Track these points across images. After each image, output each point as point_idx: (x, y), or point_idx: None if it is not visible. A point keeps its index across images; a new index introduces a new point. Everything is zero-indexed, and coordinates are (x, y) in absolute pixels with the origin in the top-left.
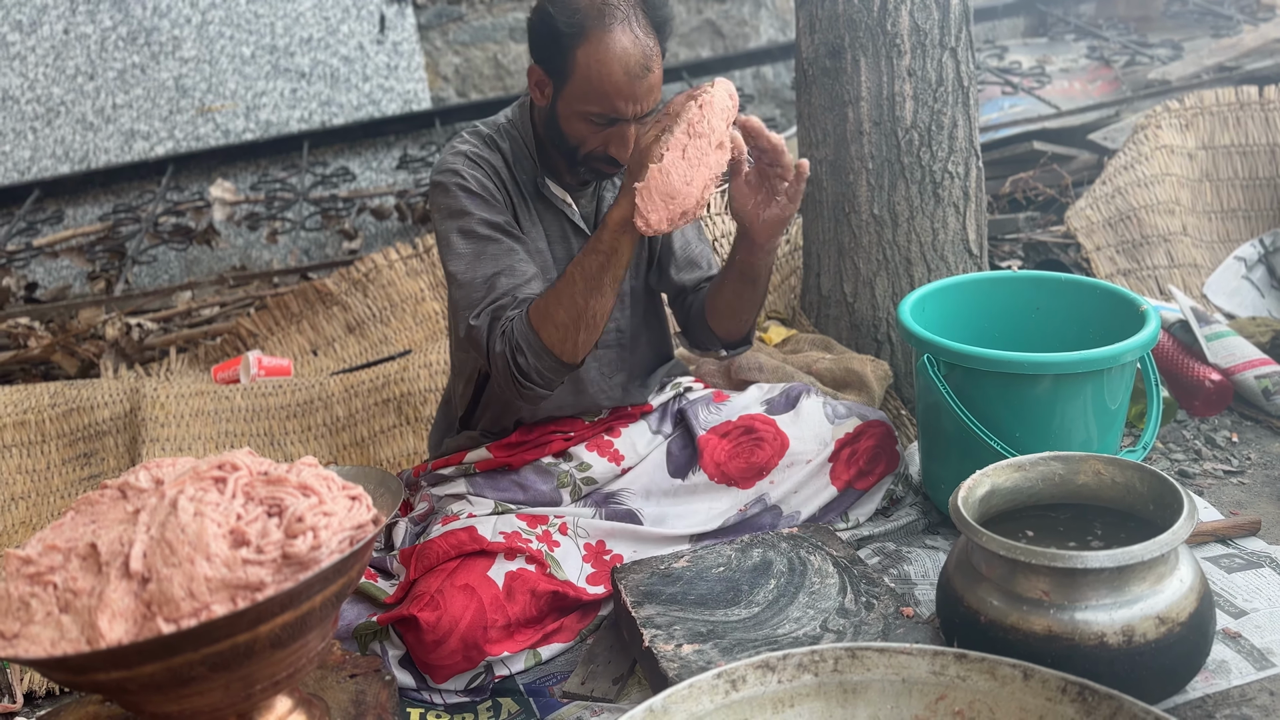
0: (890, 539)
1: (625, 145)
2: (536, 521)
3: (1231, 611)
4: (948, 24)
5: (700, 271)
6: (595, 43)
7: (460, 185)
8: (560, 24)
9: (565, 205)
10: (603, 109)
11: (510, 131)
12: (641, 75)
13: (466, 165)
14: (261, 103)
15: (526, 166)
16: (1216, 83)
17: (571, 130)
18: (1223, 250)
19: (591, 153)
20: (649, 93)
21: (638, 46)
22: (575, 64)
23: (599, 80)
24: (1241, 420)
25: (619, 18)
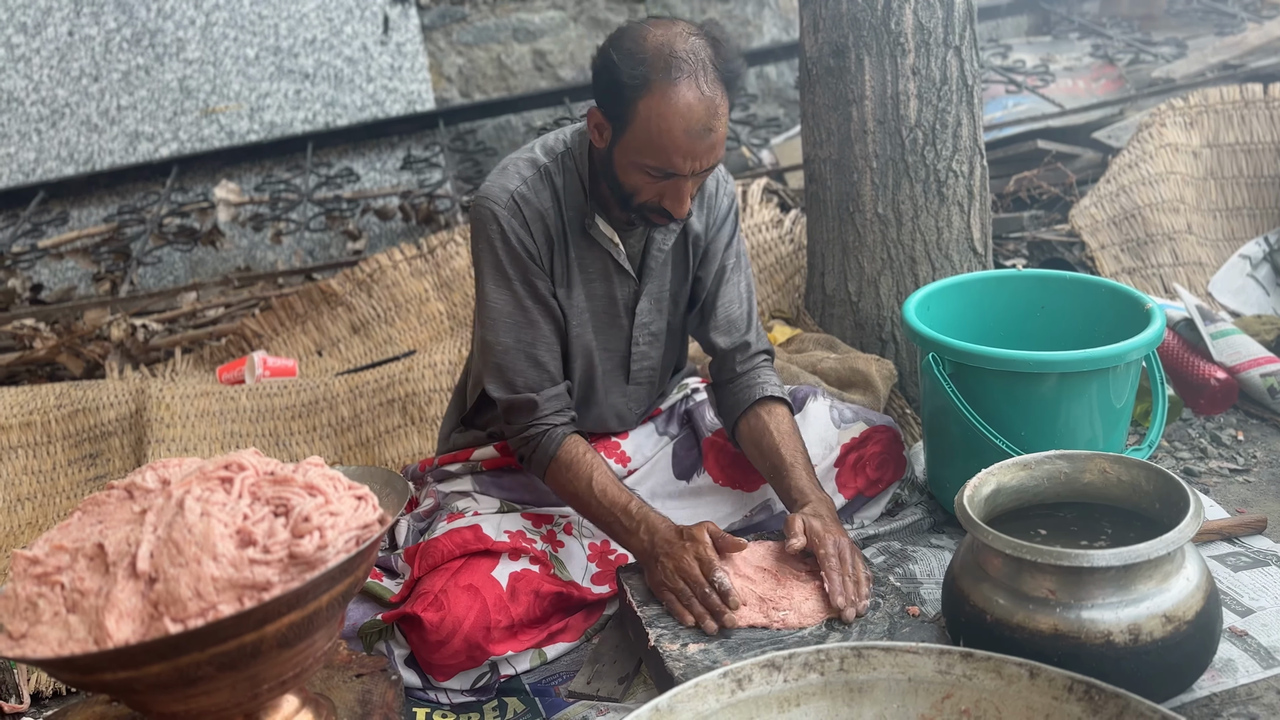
0: (895, 538)
1: (680, 200)
2: (541, 521)
3: (1238, 610)
4: (951, 22)
5: (738, 335)
6: (658, 97)
7: (499, 234)
8: (623, 74)
9: (612, 245)
10: (660, 164)
11: (567, 162)
12: (703, 135)
13: (509, 210)
14: (265, 104)
15: (576, 203)
16: (1221, 81)
17: (627, 179)
18: (1228, 248)
19: (645, 203)
20: (710, 150)
21: (702, 103)
22: (635, 115)
23: (658, 135)
24: (1247, 418)
25: (685, 71)
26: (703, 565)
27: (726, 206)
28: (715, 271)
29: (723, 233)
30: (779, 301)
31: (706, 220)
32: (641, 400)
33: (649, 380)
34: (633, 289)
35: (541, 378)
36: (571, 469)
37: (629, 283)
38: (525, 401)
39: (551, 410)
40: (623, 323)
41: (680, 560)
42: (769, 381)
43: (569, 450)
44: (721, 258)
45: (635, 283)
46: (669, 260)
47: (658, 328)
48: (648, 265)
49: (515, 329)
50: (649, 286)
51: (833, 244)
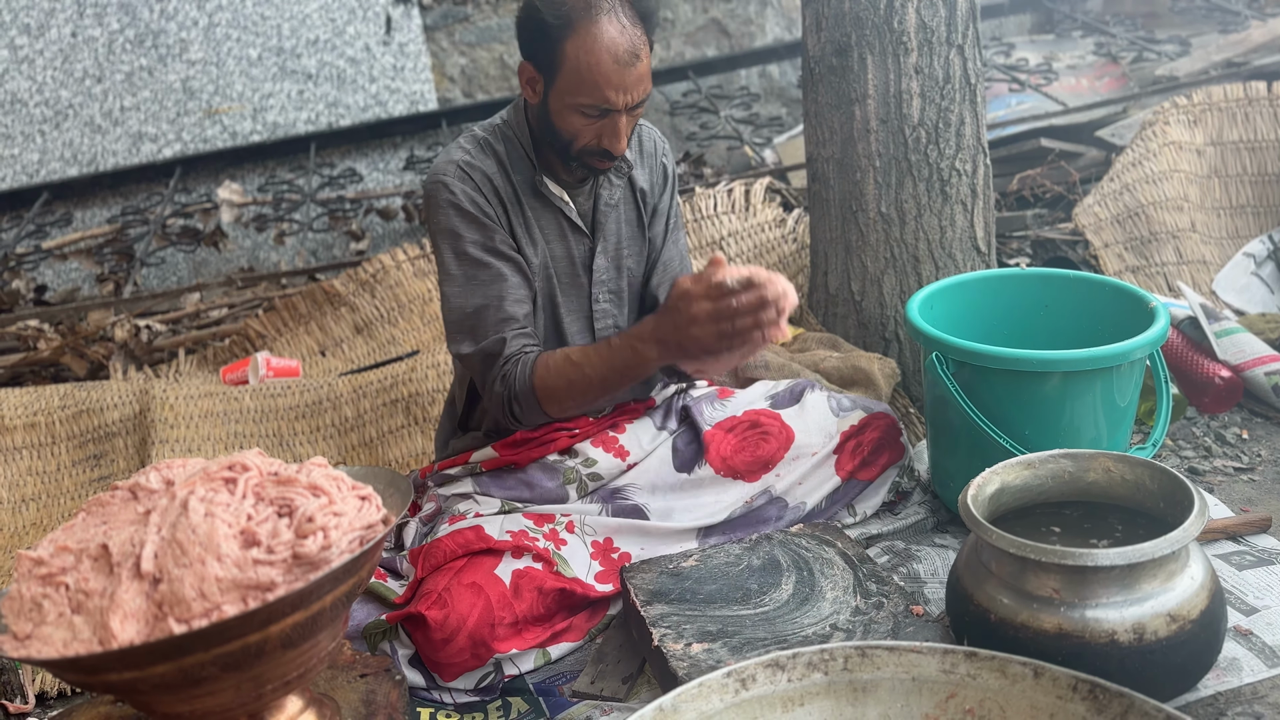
0: (899, 537)
1: (618, 136)
2: (543, 520)
3: (1243, 609)
4: (954, 21)
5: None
6: (583, 34)
7: (450, 201)
8: (547, 17)
9: (563, 203)
10: (594, 99)
11: (505, 132)
12: (630, 63)
13: (457, 178)
14: (268, 104)
15: (523, 167)
16: (1225, 78)
17: (564, 124)
18: (1232, 246)
19: (585, 146)
20: (638, 81)
21: (625, 36)
22: (564, 57)
23: (588, 70)
24: (1252, 417)
25: (605, 9)
26: (709, 293)
27: (667, 165)
28: (661, 229)
29: (665, 190)
30: None
31: (650, 178)
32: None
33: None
34: (588, 246)
35: (511, 325)
36: (550, 368)
37: (583, 240)
38: (493, 344)
39: (518, 347)
40: (582, 280)
41: (693, 312)
42: None
43: (541, 361)
44: (666, 215)
45: (589, 239)
46: (620, 217)
47: (616, 286)
48: (598, 221)
49: (481, 288)
50: (602, 244)
51: (836, 243)
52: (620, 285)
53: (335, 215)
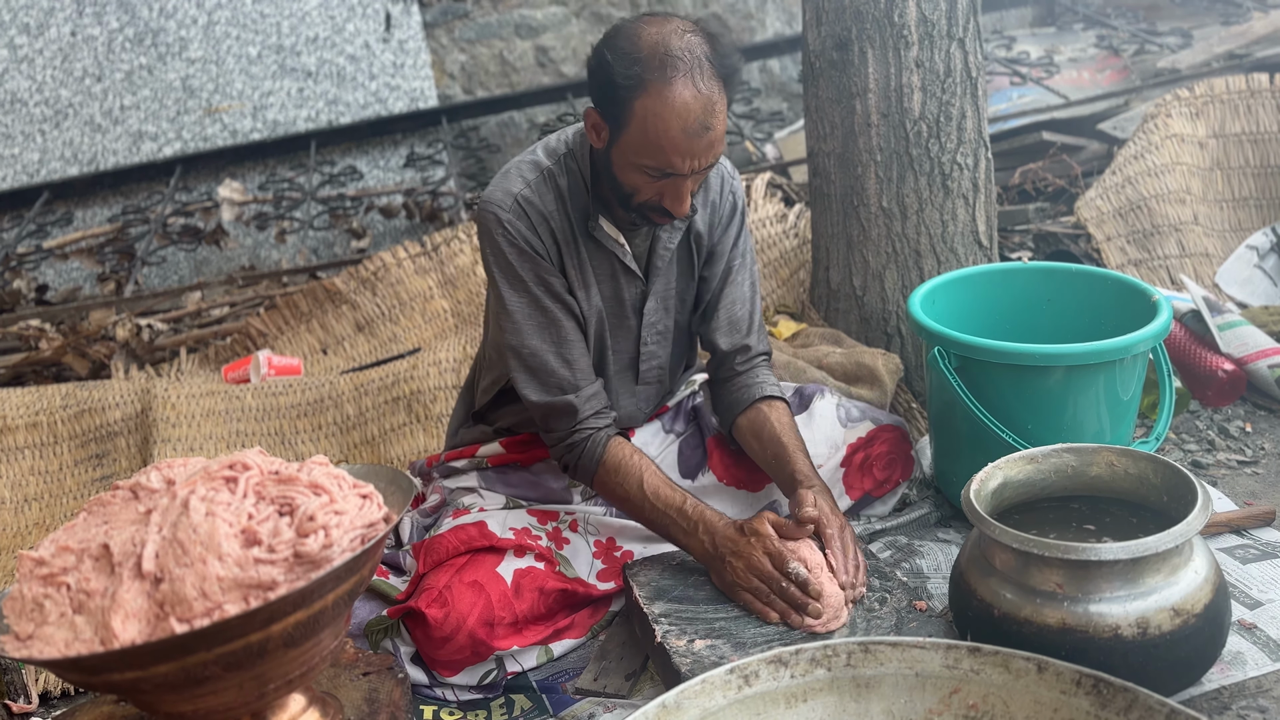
0: (902, 532)
1: (680, 200)
2: (547, 518)
3: (1247, 603)
4: (955, 14)
5: (739, 337)
6: (654, 96)
7: (505, 237)
8: (617, 74)
9: (617, 246)
10: (658, 163)
11: (569, 165)
12: (700, 134)
13: (513, 213)
14: (268, 102)
15: (580, 204)
16: (1227, 70)
17: (626, 179)
18: (1234, 239)
19: (646, 202)
20: (709, 149)
21: (699, 101)
22: (632, 115)
23: (655, 135)
24: (1255, 410)
25: (681, 70)
26: (774, 559)
27: (731, 205)
28: (720, 271)
29: (729, 232)
30: (784, 296)
31: (710, 219)
32: (650, 400)
33: (658, 380)
34: (640, 289)
35: (576, 376)
36: (620, 472)
37: (636, 283)
38: (564, 405)
39: (591, 412)
40: (631, 323)
41: (750, 558)
42: (768, 381)
43: (615, 453)
44: (728, 257)
45: (642, 283)
46: (674, 259)
47: (664, 327)
48: (654, 265)
49: (539, 330)
50: (656, 286)
51: (837, 238)
52: (667, 325)
53: (336, 213)
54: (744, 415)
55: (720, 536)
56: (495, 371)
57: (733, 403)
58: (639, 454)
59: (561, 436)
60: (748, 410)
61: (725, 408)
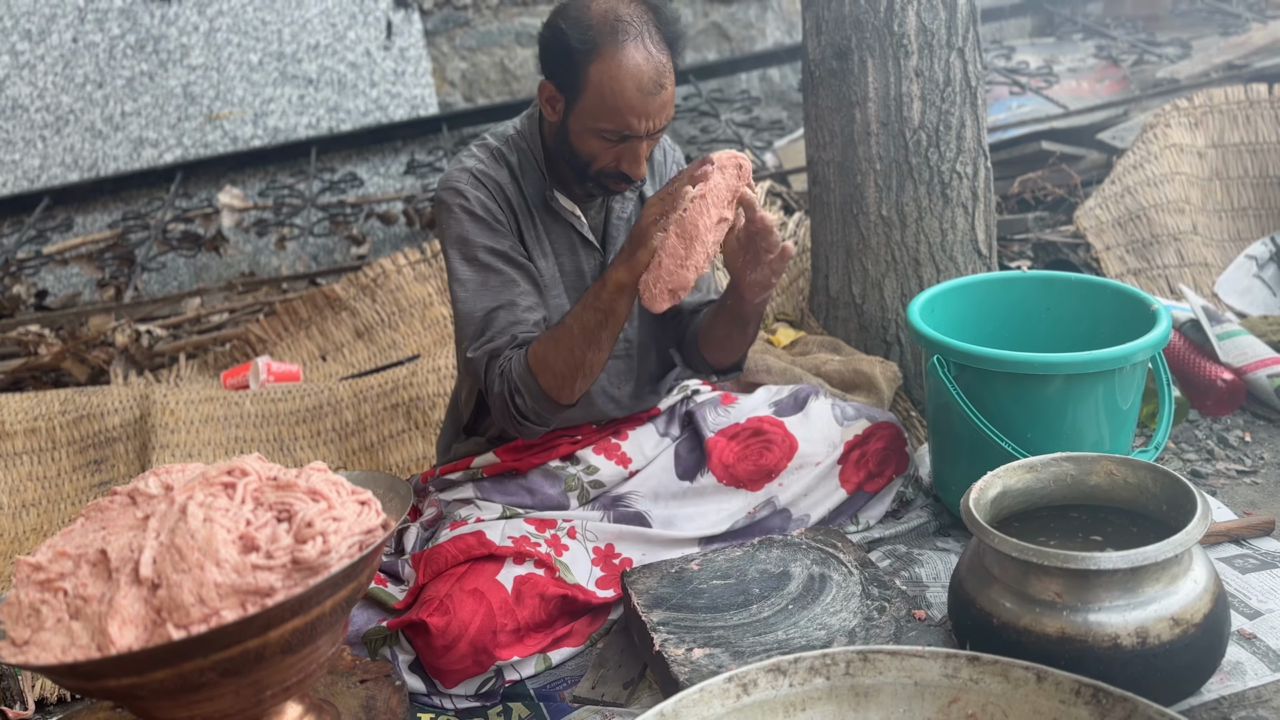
0: (901, 541)
1: (637, 161)
2: (545, 525)
3: (1246, 612)
4: (955, 24)
5: (700, 295)
6: (608, 59)
7: (463, 207)
8: (573, 40)
9: (574, 217)
10: (615, 125)
11: (519, 143)
12: (654, 92)
13: (471, 185)
14: (269, 109)
15: (534, 179)
16: (1225, 81)
17: (583, 146)
18: (1234, 249)
19: (603, 169)
20: (662, 109)
21: (650, 63)
22: (588, 81)
23: (612, 97)
24: (1254, 420)
25: (632, 34)
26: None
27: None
28: None
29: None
30: (783, 304)
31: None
32: (625, 376)
33: (626, 354)
34: (598, 260)
35: (521, 328)
36: (540, 340)
37: (594, 254)
38: (502, 343)
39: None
40: None
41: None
42: None
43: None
44: None
45: (600, 253)
46: (629, 229)
47: None
48: (609, 235)
49: (492, 292)
50: (614, 257)
51: (837, 246)
52: None
53: (336, 220)
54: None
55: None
56: (469, 381)
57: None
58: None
59: (495, 374)
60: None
61: (690, 338)
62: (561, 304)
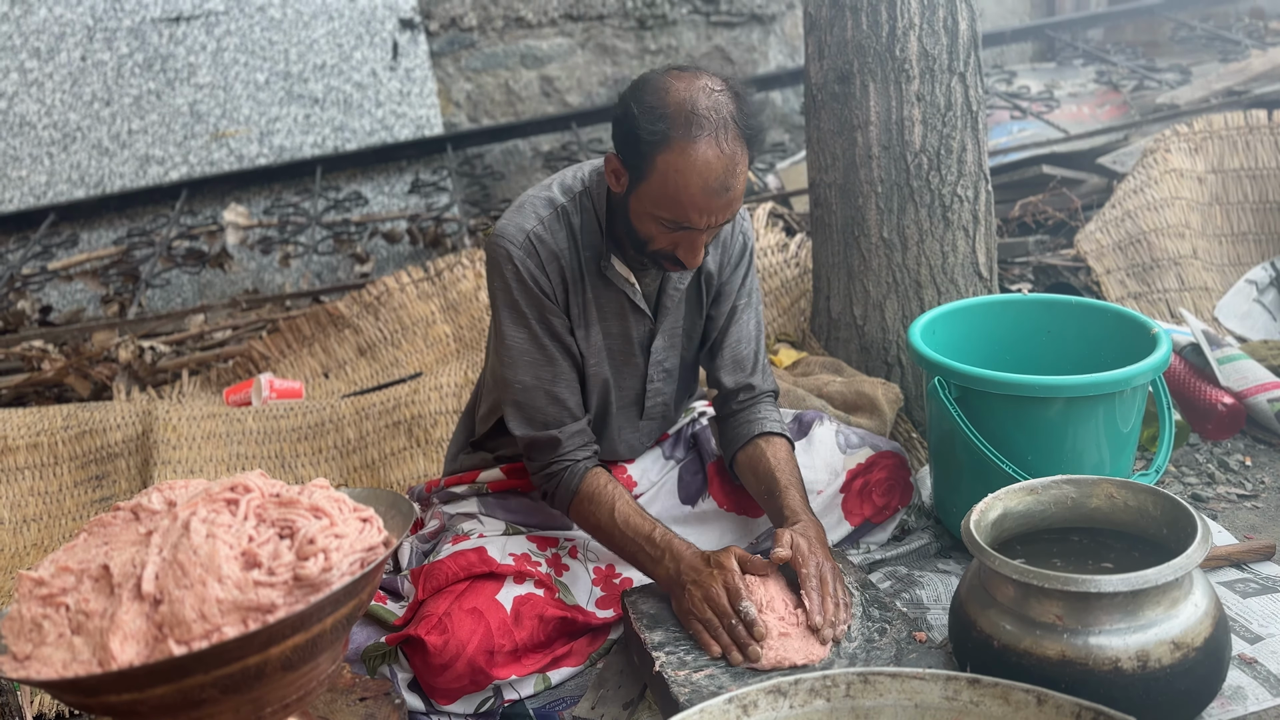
0: (902, 563)
1: (694, 252)
2: (546, 544)
3: (1247, 637)
4: (956, 49)
5: (743, 375)
6: (677, 153)
7: (514, 274)
8: (642, 128)
9: (628, 285)
10: (675, 216)
11: (584, 202)
12: (720, 194)
13: (524, 251)
14: (275, 128)
15: (592, 242)
16: (1225, 107)
17: (641, 227)
18: (1234, 273)
19: (659, 250)
20: (726, 208)
21: (721, 162)
22: (653, 169)
23: (675, 190)
24: (1255, 444)
25: (707, 129)
26: (730, 594)
27: (742, 245)
28: (727, 310)
29: (738, 272)
30: (784, 325)
31: (720, 259)
32: (653, 433)
33: (662, 415)
34: (648, 328)
35: (562, 414)
36: (594, 501)
37: (644, 321)
38: (548, 439)
39: (574, 446)
40: (638, 360)
41: (708, 589)
42: (770, 417)
43: (590, 483)
44: (735, 297)
45: (651, 321)
46: (683, 298)
47: (671, 364)
48: (663, 305)
49: (534, 367)
50: (664, 325)
51: (838, 268)
52: (674, 363)
53: (340, 238)
54: (743, 451)
55: (685, 564)
56: (494, 398)
57: (734, 438)
58: (614, 484)
59: (542, 466)
60: (747, 446)
61: (727, 443)
62: (601, 372)
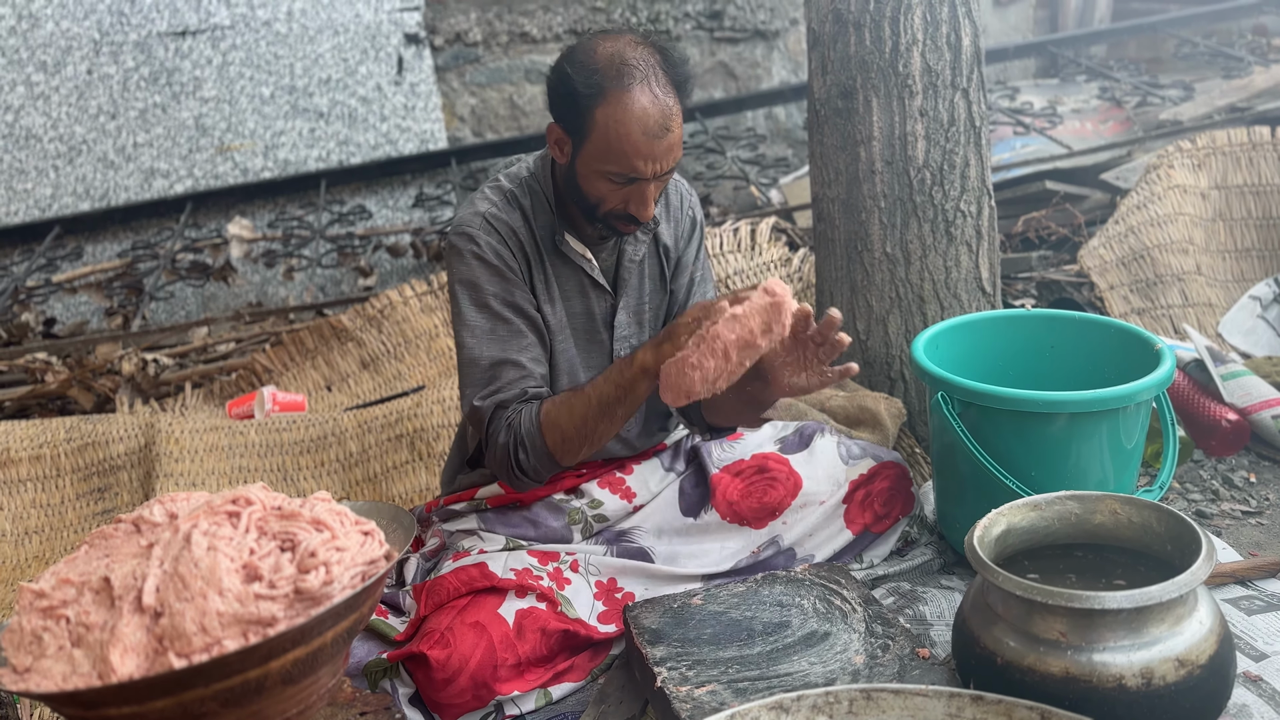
0: (905, 579)
1: (645, 204)
2: (548, 558)
3: (1252, 654)
4: (959, 65)
5: None
6: (614, 103)
7: (475, 253)
8: (578, 84)
9: (585, 260)
10: (621, 168)
11: (531, 185)
12: (660, 135)
13: (484, 230)
14: (280, 142)
15: (545, 221)
16: (1228, 123)
17: (591, 188)
18: (1237, 289)
19: (611, 210)
20: (668, 151)
21: (656, 106)
22: (594, 124)
23: (618, 140)
24: (1259, 460)
25: (638, 77)
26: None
27: (691, 219)
28: (685, 282)
29: (691, 244)
30: None
31: (674, 232)
32: (635, 419)
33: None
34: (609, 303)
35: (528, 382)
36: (555, 402)
37: (605, 297)
38: (510, 396)
39: (526, 395)
40: (603, 337)
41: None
42: None
43: (548, 400)
44: (691, 269)
45: (611, 296)
46: (644, 273)
47: (638, 340)
48: (621, 278)
49: (499, 341)
50: (625, 300)
51: (841, 282)
52: (641, 338)
53: (344, 251)
54: None
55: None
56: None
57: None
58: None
59: (500, 425)
60: None
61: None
62: (568, 350)
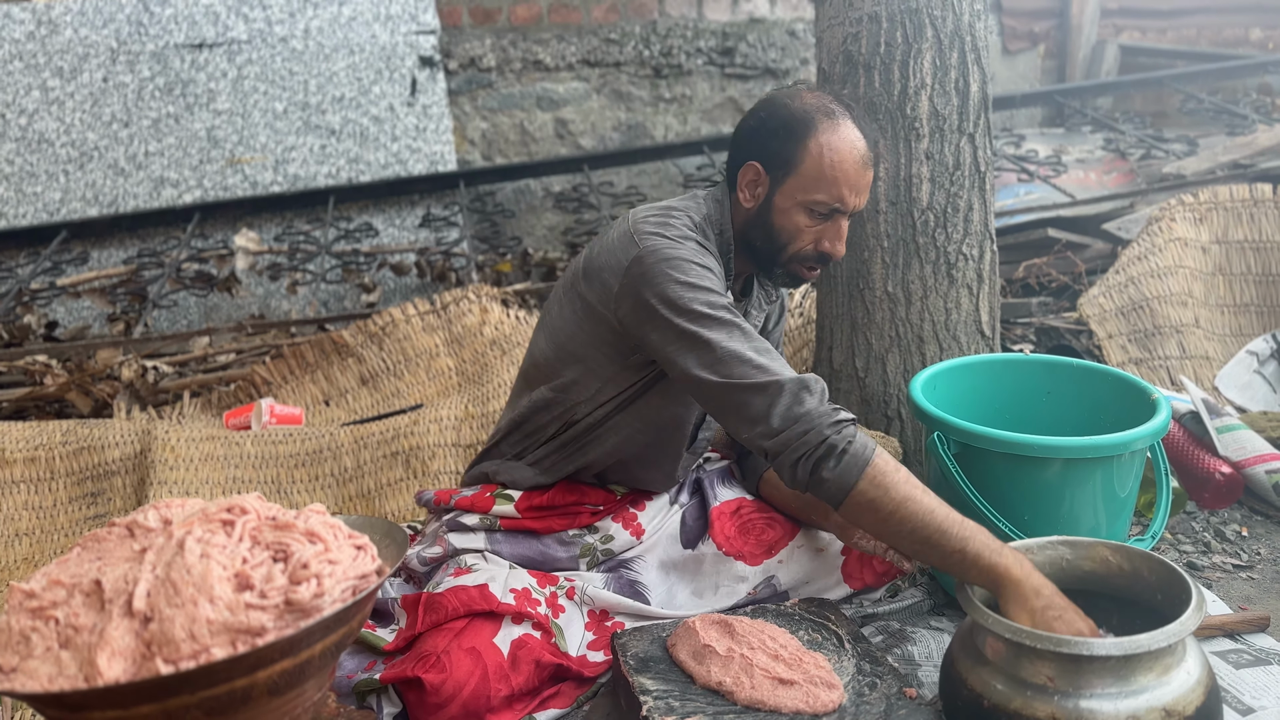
0: (895, 618)
1: (839, 239)
2: (546, 580)
3: (1239, 708)
4: (967, 111)
5: None
6: (829, 131)
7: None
8: (795, 113)
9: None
10: (829, 197)
11: (706, 229)
12: (867, 167)
13: (697, 252)
14: (291, 157)
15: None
16: (1230, 179)
17: (787, 223)
18: (1235, 344)
19: (799, 251)
20: (867, 189)
21: (865, 141)
22: (806, 152)
23: (830, 167)
24: (1252, 515)
25: (850, 114)
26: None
27: (781, 302)
28: None
29: (780, 325)
30: None
31: (775, 311)
32: (687, 468)
33: (703, 451)
34: None
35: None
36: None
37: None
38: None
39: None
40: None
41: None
42: None
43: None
44: (771, 339)
45: None
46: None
47: None
48: None
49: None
50: None
51: (842, 319)
52: None
53: (349, 268)
54: (769, 471)
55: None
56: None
57: (757, 464)
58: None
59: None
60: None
61: (750, 470)
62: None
